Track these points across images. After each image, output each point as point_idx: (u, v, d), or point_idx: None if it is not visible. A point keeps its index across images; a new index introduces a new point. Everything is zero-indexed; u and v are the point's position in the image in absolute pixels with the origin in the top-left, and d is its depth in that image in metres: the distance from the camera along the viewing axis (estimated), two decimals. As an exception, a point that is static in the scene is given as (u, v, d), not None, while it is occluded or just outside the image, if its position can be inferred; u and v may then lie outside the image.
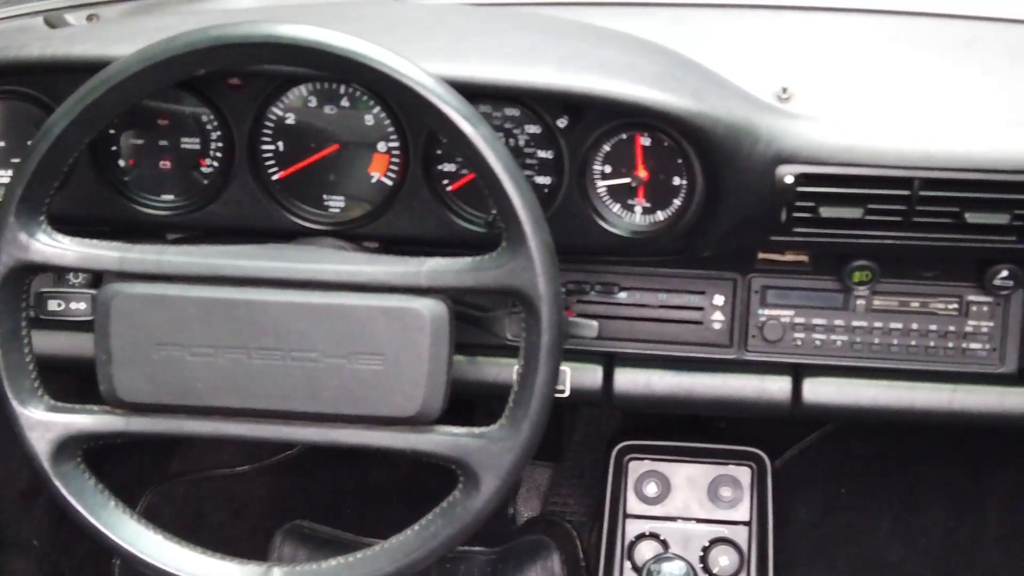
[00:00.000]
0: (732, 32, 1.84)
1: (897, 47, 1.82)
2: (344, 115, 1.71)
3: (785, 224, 1.66)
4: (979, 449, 2.59)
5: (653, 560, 1.84)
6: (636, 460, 2.18)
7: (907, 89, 1.72)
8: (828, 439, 2.62)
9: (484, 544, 2.47)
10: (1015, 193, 1.60)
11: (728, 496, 2.14)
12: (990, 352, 1.84)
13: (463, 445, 1.48)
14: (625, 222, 1.72)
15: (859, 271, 1.77)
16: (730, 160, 1.60)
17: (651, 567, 1.83)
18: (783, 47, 1.81)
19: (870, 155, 1.60)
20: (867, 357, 1.85)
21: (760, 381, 1.84)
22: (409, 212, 1.72)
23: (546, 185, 1.70)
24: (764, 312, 1.86)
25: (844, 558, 2.53)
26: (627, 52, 1.68)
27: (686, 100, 1.58)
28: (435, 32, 1.70)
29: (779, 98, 1.67)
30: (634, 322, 1.88)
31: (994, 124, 1.64)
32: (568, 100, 1.62)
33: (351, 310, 1.48)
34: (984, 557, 2.51)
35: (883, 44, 1.82)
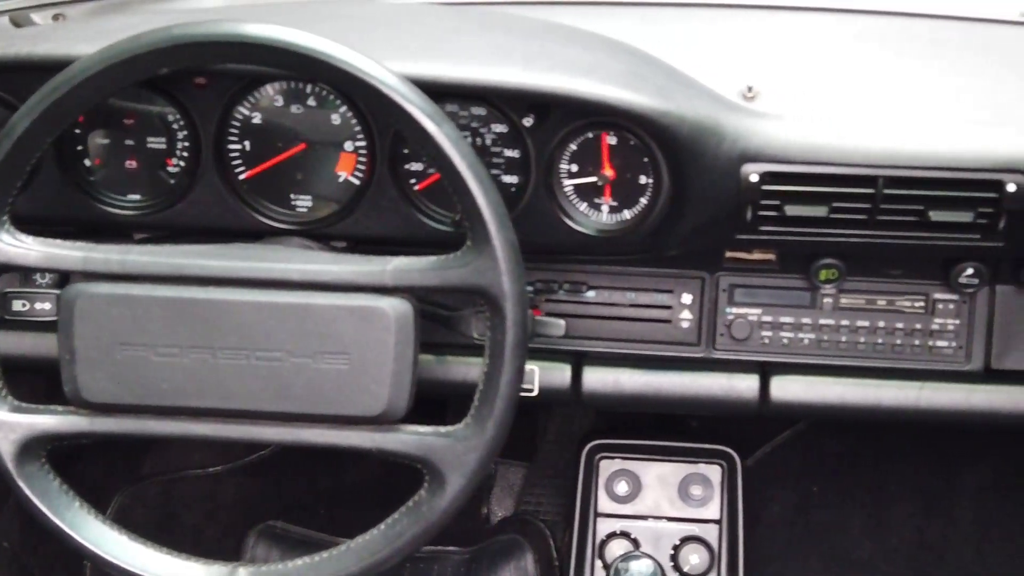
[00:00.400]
0: (699, 31, 1.85)
1: (862, 46, 1.83)
2: (311, 114, 1.70)
3: (751, 222, 1.67)
4: (950, 447, 2.61)
5: (621, 559, 1.84)
6: (607, 459, 2.18)
7: (872, 88, 1.73)
8: (800, 437, 2.63)
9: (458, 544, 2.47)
10: (978, 191, 1.61)
11: (698, 494, 2.15)
12: (956, 350, 1.84)
13: (428, 444, 1.49)
14: (592, 221, 1.72)
15: (826, 269, 1.78)
16: (695, 159, 1.60)
17: (619, 566, 1.83)
18: (749, 46, 1.81)
19: (834, 154, 1.61)
20: (834, 355, 1.85)
21: (728, 379, 1.85)
22: (376, 211, 1.72)
23: (513, 184, 1.70)
24: (732, 311, 1.86)
25: (816, 555, 2.54)
26: (593, 51, 1.69)
27: (651, 99, 1.58)
28: (401, 31, 1.70)
29: (744, 97, 1.68)
30: (603, 321, 1.88)
31: (958, 123, 1.65)
32: (534, 99, 1.62)
33: (316, 309, 1.47)
34: (955, 554, 2.52)
35: (848, 43, 1.83)
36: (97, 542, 1.53)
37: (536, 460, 2.70)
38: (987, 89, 1.72)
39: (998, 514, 2.55)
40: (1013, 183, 1.59)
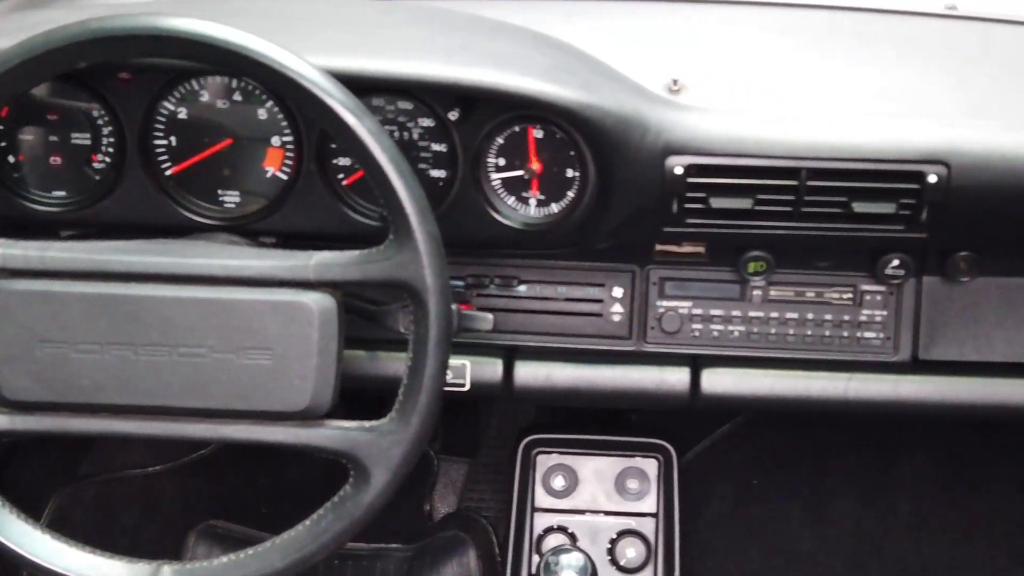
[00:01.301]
0: (625, 25, 1.85)
1: (788, 39, 1.84)
2: (237, 109, 1.69)
3: (677, 215, 1.67)
4: (889, 439, 2.63)
5: (552, 552, 1.84)
6: (544, 454, 2.17)
7: (796, 81, 1.73)
8: (740, 431, 2.64)
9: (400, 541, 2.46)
10: (900, 183, 1.62)
11: (635, 488, 2.15)
12: (884, 341, 1.85)
13: (353, 439, 1.48)
14: (520, 214, 1.72)
15: (754, 262, 1.79)
16: (620, 152, 1.61)
17: (549, 559, 1.82)
18: (675, 39, 1.82)
19: (758, 146, 1.62)
20: (764, 347, 1.86)
21: (659, 372, 1.85)
22: (305, 207, 1.72)
23: (441, 178, 1.70)
24: (662, 304, 1.87)
25: (756, 549, 2.55)
26: (518, 44, 1.69)
27: (575, 92, 1.58)
28: (325, 25, 1.69)
29: (670, 90, 1.68)
30: (534, 315, 1.88)
31: (880, 115, 1.66)
32: (458, 92, 1.62)
33: (239, 304, 1.47)
34: (893, 545, 2.54)
35: (774, 36, 1.84)
36: (20, 541, 1.51)
37: (478, 456, 2.70)
38: (910, 81, 1.73)
39: (935, 504, 2.58)
40: (934, 174, 1.60)
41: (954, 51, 1.81)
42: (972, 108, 1.68)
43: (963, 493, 2.58)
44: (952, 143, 1.60)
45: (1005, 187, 1.61)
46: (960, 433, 2.61)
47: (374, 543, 2.46)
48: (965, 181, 1.60)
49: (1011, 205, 1.63)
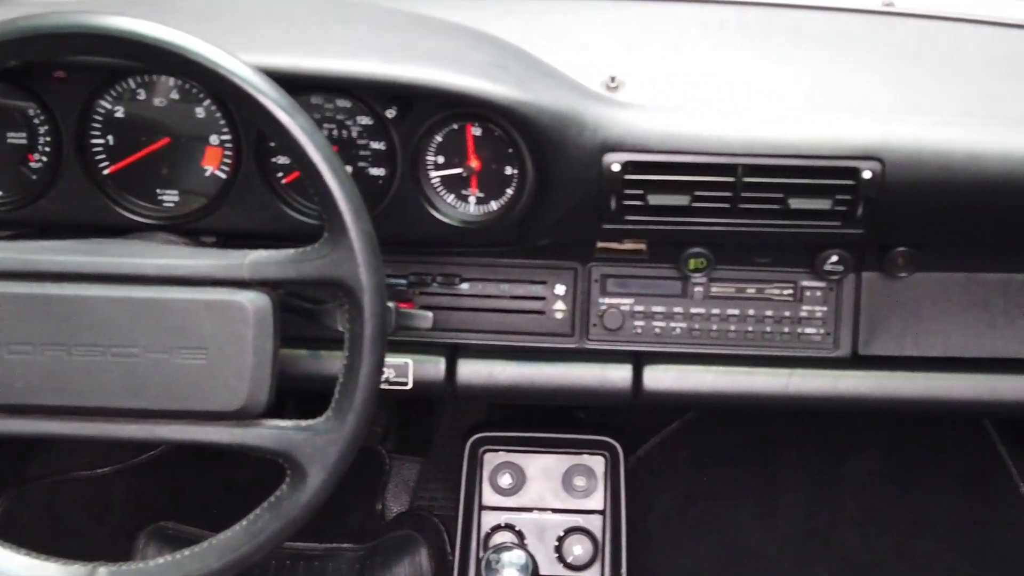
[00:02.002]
0: (564, 23, 1.85)
1: (726, 36, 1.84)
2: (175, 108, 1.69)
3: (615, 212, 1.68)
4: (838, 435, 2.64)
5: (493, 551, 1.84)
6: (491, 452, 2.17)
7: (733, 77, 1.74)
8: (689, 427, 2.65)
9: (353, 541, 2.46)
10: (835, 179, 1.63)
11: (582, 486, 2.15)
12: (824, 336, 1.86)
13: (289, 438, 1.47)
14: (459, 212, 1.72)
15: (694, 258, 1.79)
16: (557, 149, 1.61)
17: (491, 557, 1.82)
18: (613, 37, 1.82)
19: (694, 143, 1.62)
20: (706, 344, 1.87)
21: (602, 369, 1.86)
22: (244, 205, 1.71)
23: (380, 176, 1.70)
24: (604, 301, 1.87)
25: (706, 545, 2.55)
26: (455, 42, 1.69)
27: (511, 89, 1.58)
28: (261, 22, 1.69)
29: (607, 87, 1.68)
30: (477, 313, 1.88)
31: (815, 111, 1.67)
32: (395, 90, 1.62)
33: (173, 304, 1.46)
34: (842, 540, 2.55)
35: (712, 33, 1.84)
36: None
37: (431, 455, 2.69)
38: (846, 78, 1.74)
39: (883, 499, 2.59)
40: (868, 170, 1.61)
41: (890, 47, 1.82)
42: (907, 104, 1.69)
43: (911, 488, 2.60)
44: (886, 139, 1.61)
45: (938, 182, 1.62)
46: (908, 428, 2.63)
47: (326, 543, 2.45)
48: (899, 177, 1.61)
49: (945, 200, 1.64)
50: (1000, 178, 1.61)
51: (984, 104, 1.70)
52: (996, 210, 1.66)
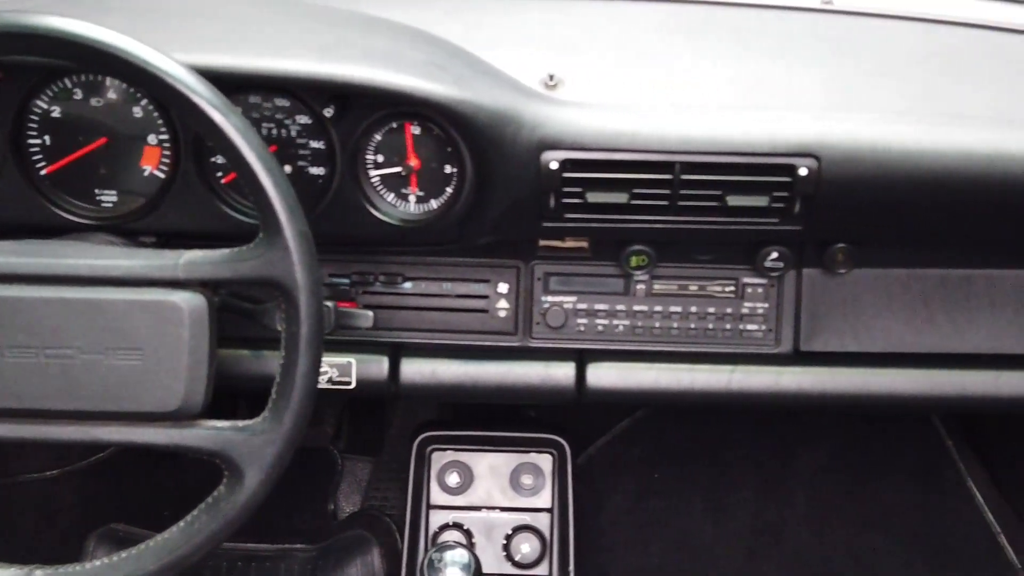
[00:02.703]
0: (503, 21, 1.85)
1: (665, 34, 1.84)
2: (112, 107, 1.68)
3: (555, 210, 1.68)
4: (788, 431, 2.65)
5: (436, 549, 1.84)
6: (439, 451, 2.17)
7: (672, 76, 1.74)
8: (640, 425, 2.65)
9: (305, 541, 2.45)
10: (772, 176, 1.64)
11: (530, 484, 2.15)
12: (766, 333, 1.87)
13: (226, 439, 1.47)
14: (399, 211, 1.72)
15: (635, 256, 1.80)
16: (496, 147, 1.61)
17: (433, 556, 1.82)
18: (553, 35, 1.82)
19: (631, 140, 1.62)
20: (648, 341, 1.87)
21: (545, 367, 1.86)
22: (183, 205, 1.70)
23: (320, 175, 1.70)
24: (547, 299, 1.87)
25: (658, 541, 2.56)
26: (393, 41, 1.68)
27: (448, 88, 1.58)
28: (198, 22, 1.68)
29: (546, 85, 1.69)
30: (420, 312, 1.88)
31: (752, 109, 1.67)
32: (332, 89, 1.61)
33: (107, 305, 1.45)
34: (792, 536, 2.57)
35: (651, 32, 1.85)
36: None
37: (383, 454, 2.69)
38: (784, 76, 1.74)
39: (833, 496, 2.61)
40: (805, 167, 1.62)
41: (829, 45, 1.83)
42: (843, 102, 1.70)
43: (860, 483, 2.62)
44: (822, 136, 1.62)
45: (874, 179, 1.63)
46: (857, 424, 2.64)
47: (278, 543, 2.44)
48: (835, 174, 1.62)
49: (881, 197, 1.65)
50: (935, 175, 1.63)
51: (920, 101, 1.71)
52: (932, 207, 1.67)
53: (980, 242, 1.81)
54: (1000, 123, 1.67)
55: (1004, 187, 1.63)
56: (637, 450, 2.65)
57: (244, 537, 2.45)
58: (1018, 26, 1.86)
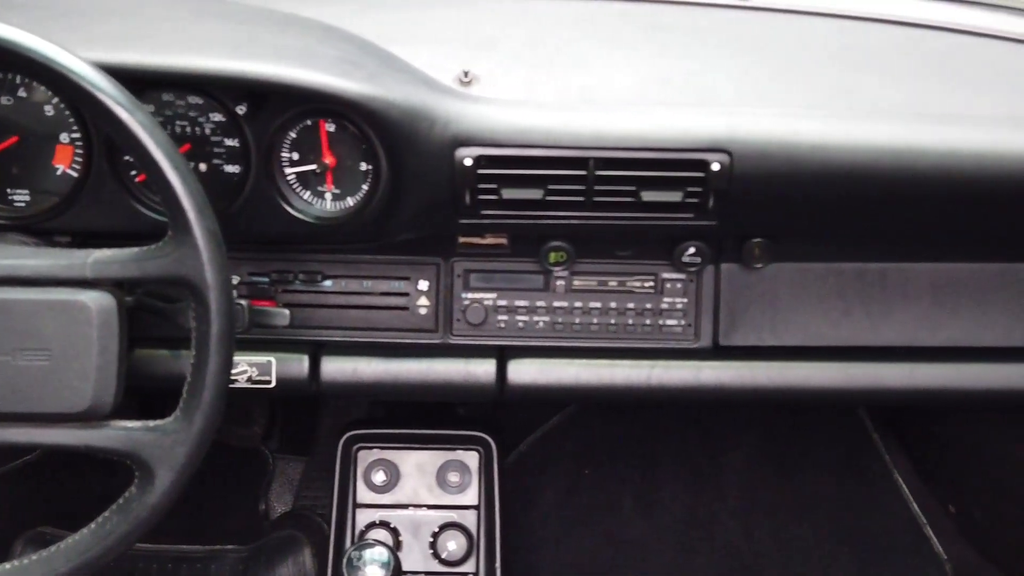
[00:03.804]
0: (418, 18, 1.85)
1: (581, 31, 1.85)
2: (23, 105, 1.66)
3: (471, 206, 1.68)
4: (717, 425, 2.67)
5: (355, 548, 1.83)
6: (365, 449, 2.17)
7: (588, 72, 1.75)
8: (570, 421, 2.66)
9: (236, 542, 2.44)
10: (685, 171, 1.65)
11: (456, 481, 2.15)
12: (685, 328, 1.88)
13: (136, 439, 1.46)
14: (316, 209, 1.72)
15: (554, 252, 1.80)
16: (409, 144, 1.61)
17: (352, 555, 1.82)
18: (468, 32, 1.82)
19: (545, 136, 1.63)
20: (569, 337, 1.88)
21: (465, 365, 1.86)
22: (97, 204, 1.69)
23: (235, 174, 1.69)
24: (467, 296, 1.87)
25: (589, 537, 2.57)
26: (305, 37, 1.68)
27: (361, 85, 1.58)
28: (107, 19, 1.66)
29: (461, 82, 1.69)
30: (341, 310, 1.87)
31: (666, 105, 1.68)
32: (244, 87, 1.61)
33: (14, 305, 1.43)
34: (722, 529, 2.58)
35: (567, 28, 1.85)
36: None
37: (314, 454, 2.68)
38: (698, 72, 1.75)
39: (762, 489, 2.63)
40: (717, 163, 1.63)
41: (743, 41, 1.84)
42: (755, 97, 1.71)
43: (788, 476, 2.64)
44: (733, 132, 1.63)
45: (785, 173, 1.64)
46: (785, 418, 2.66)
47: (209, 544, 2.43)
48: (747, 169, 1.63)
49: (793, 191, 1.66)
50: (845, 169, 1.64)
51: (832, 97, 1.73)
52: (843, 201, 1.68)
53: (894, 236, 1.83)
54: (909, 117, 1.68)
55: (912, 181, 1.65)
56: (567, 446, 2.66)
57: (175, 538, 2.44)
58: (929, 22, 1.88)
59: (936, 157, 1.64)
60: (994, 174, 1.64)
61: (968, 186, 1.65)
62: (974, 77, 1.81)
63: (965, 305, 1.87)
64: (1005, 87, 1.79)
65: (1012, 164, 1.64)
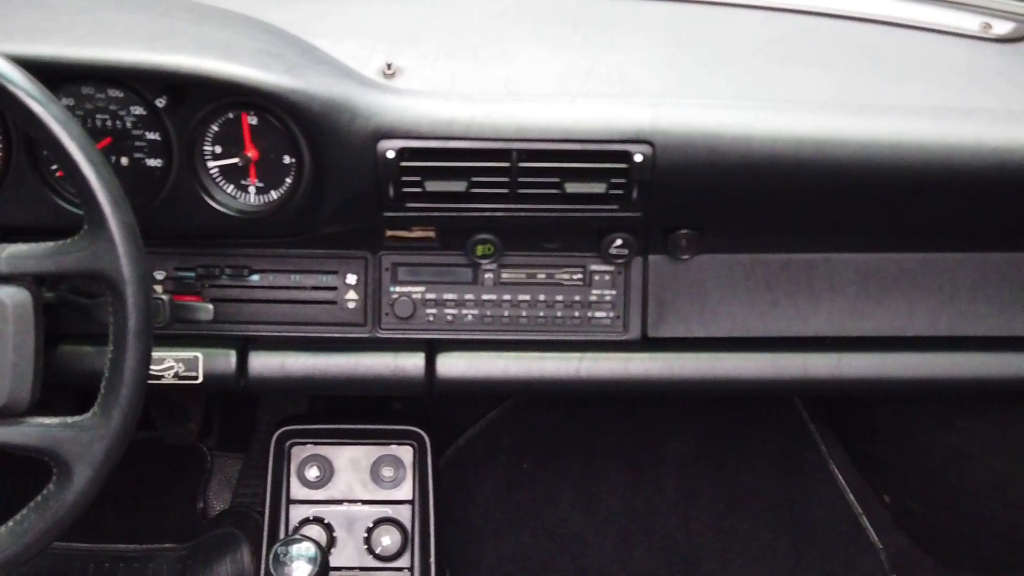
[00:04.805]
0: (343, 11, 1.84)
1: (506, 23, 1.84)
2: None
3: (395, 199, 1.67)
4: (656, 418, 2.68)
5: (281, 544, 1.82)
6: (298, 445, 2.16)
7: (511, 64, 1.74)
8: (509, 415, 2.66)
9: (174, 540, 2.42)
10: (608, 163, 1.65)
11: (390, 476, 2.14)
12: (614, 320, 1.88)
13: (53, 436, 1.44)
14: (239, 202, 1.70)
15: (481, 245, 1.80)
16: (331, 136, 1.60)
17: (278, 550, 1.80)
18: (392, 25, 1.81)
19: (467, 128, 1.62)
20: (498, 330, 1.87)
21: (394, 358, 1.85)
22: (18, 199, 1.67)
23: (157, 167, 1.67)
24: (396, 289, 1.86)
25: (528, 531, 2.58)
26: (226, 29, 1.66)
27: (281, 77, 1.57)
28: (22, 11, 1.64)
29: (384, 74, 1.68)
30: (268, 304, 1.86)
31: (589, 96, 1.68)
32: (163, 79, 1.59)
33: None
34: (662, 522, 2.59)
35: (492, 20, 1.85)
36: None
37: (252, 450, 2.67)
38: (623, 63, 1.75)
39: (700, 481, 2.64)
40: (640, 154, 1.63)
41: (668, 33, 1.84)
42: (679, 88, 1.71)
43: (726, 468, 2.65)
44: (656, 123, 1.63)
45: (708, 165, 1.64)
46: (722, 410, 2.67)
47: (147, 543, 2.41)
48: (669, 159, 1.63)
49: (716, 182, 1.66)
50: (768, 160, 1.64)
51: (755, 88, 1.73)
52: (766, 191, 1.69)
53: (819, 226, 1.84)
54: (830, 108, 1.69)
55: (833, 171, 1.66)
56: (506, 441, 2.66)
57: (112, 538, 2.42)
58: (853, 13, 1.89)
59: (856, 147, 1.64)
60: (913, 164, 1.65)
61: (887, 176, 1.66)
62: (897, 68, 1.82)
63: (891, 295, 1.89)
64: (927, 78, 1.80)
65: (930, 154, 1.66)
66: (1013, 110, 1.73)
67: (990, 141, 1.67)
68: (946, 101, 1.74)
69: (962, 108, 1.72)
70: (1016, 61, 1.86)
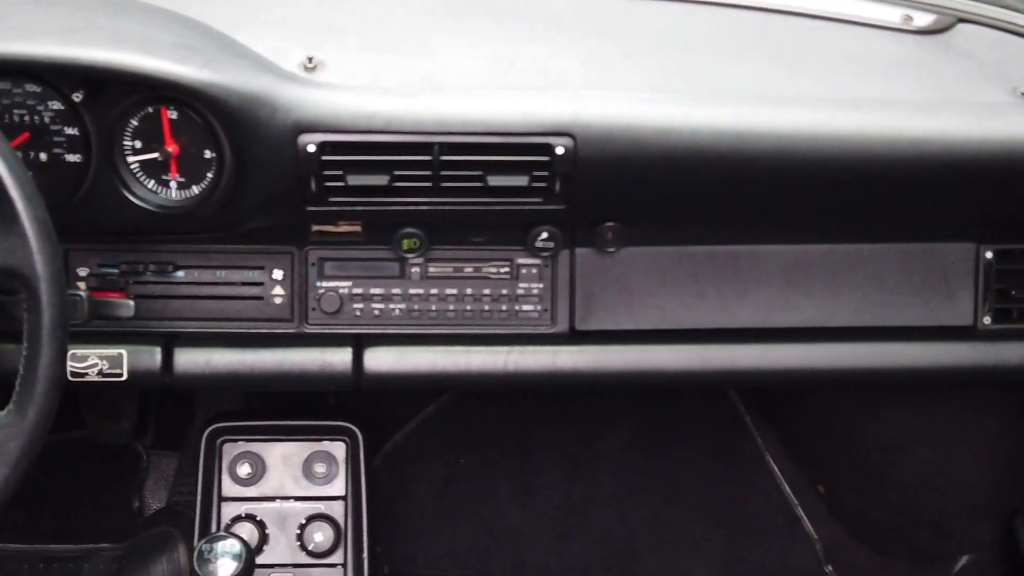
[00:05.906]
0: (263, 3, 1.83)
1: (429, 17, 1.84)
2: None
3: (318, 194, 1.67)
4: (592, 411, 2.68)
5: (205, 541, 1.80)
6: (230, 442, 2.14)
7: (434, 57, 1.74)
8: (445, 411, 2.66)
9: (110, 540, 2.40)
10: (530, 155, 1.65)
11: (323, 472, 2.14)
12: (542, 313, 1.88)
13: None
14: (160, 198, 1.69)
15: (407, 239, 1.79)
16: (251, 130, 1.59)
17: (203, 548, 1.79)
18: (314, 18, 1.80)
19: (388, 122, 1.62)
20: (425, 324, 1.87)
21: (321, 354, 1.84)
22: None
23: (76, 163, 1.66)
24: (322, 284, 1.86)
25: (464, 526, 2.57)
26: (144, 23, 1.65)
27: (199, 71, 1.56)
28: None
29: (305, 68, 1.67)
30: (194, 300, 1.85)
31: (510, 89, 1.68)
32: (79, 73, 1.58)
33: None
34: (599, 515, 2.60)
35: (415, 14, 1.85)
36: None
37: (187, 448, 2.65)
38: (545, 56, 1.75)
39: (637, 474, 2.65)
40: (561, 146, 1.63)
41: (591, 25, 1.85)
42: (601, 81, 1.72)
43: (662, 460, 2.66)
44: (577, 115, 1.63)
45: (629, 157, 1.65)
46: (658, 402, 2.68)
47: (82, 543, 2.39)
48: (591, 152, 1.64)
49: (638, 174, 1.67)
50: (688, 152, 1.65)
51: (676, 80, 1.74)
52: (688, 184, 1.69)
53: (742, 218, 1.85)
54: (750, 100, 1.70)
55: (753, 163, 1.67)
56: (443, 436, 2.66)
57: (46, 538, 2.40)
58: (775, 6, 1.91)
59: (776, 139, 1.65)
60: (833, 155, 1.67)
61: (808, 168, 1.67)
62: (819, 61, 1.84)
63: (816, 286, 1.90)
64: (848, 70, 1.82)
65: (850, 145, 1.67)
66: (933, 101, 1.75)
67: (909, 132, 1.68)
68: (867, 93, 1.76)
69: (882, 100, 1.74)
70: (936, 53, 1.88)
